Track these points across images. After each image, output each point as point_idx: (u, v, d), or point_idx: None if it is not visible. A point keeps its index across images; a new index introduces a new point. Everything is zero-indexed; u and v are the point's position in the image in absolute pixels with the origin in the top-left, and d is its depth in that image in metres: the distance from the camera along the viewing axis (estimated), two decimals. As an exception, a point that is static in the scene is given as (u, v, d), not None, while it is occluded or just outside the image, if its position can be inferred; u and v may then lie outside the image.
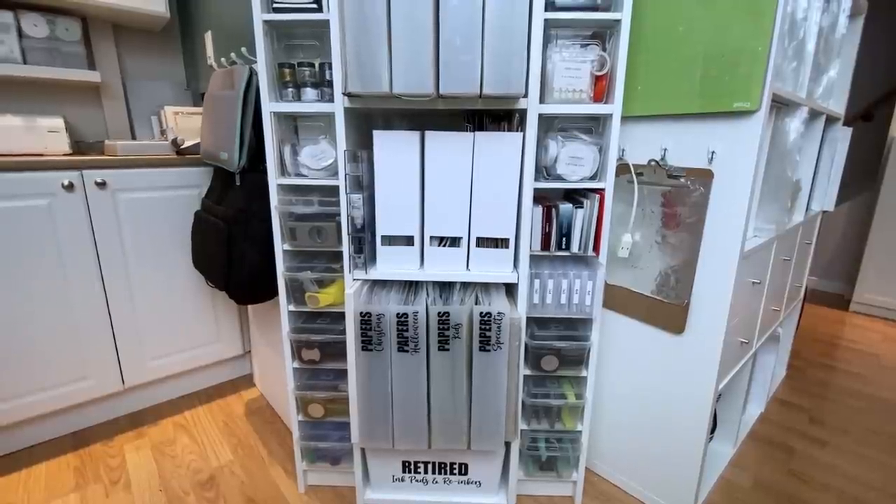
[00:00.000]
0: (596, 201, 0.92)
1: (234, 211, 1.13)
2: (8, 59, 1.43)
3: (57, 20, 1.49)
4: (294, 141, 1.00)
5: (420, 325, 0.84)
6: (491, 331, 0.84)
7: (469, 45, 0.72)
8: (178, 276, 1.44)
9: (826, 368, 1.84)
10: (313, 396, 1.04)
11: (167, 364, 1.47)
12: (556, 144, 0.93)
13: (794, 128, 1.03)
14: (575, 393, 1.03)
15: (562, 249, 0.96)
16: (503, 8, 0.72)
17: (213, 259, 1.22)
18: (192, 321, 1.50)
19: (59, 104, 1.60)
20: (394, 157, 0.85)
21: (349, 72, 0.75)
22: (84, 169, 1.23)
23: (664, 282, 0.99)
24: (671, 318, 0.99)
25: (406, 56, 0.73)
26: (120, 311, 1.35)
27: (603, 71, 0.89)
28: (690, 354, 0.98)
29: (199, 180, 1.42)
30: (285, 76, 0.92)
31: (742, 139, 0.85)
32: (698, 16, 0.86)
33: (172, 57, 1.84)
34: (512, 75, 0.75)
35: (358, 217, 0.87)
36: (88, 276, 1.28)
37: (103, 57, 1.65)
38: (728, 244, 0.89)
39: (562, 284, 0.96)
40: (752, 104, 0.82)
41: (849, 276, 2.72)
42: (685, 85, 0.89)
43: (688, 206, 0.93)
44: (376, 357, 0.87)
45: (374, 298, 0.89)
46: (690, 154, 0.92)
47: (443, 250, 0.91)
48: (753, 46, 0.80)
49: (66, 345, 1.27)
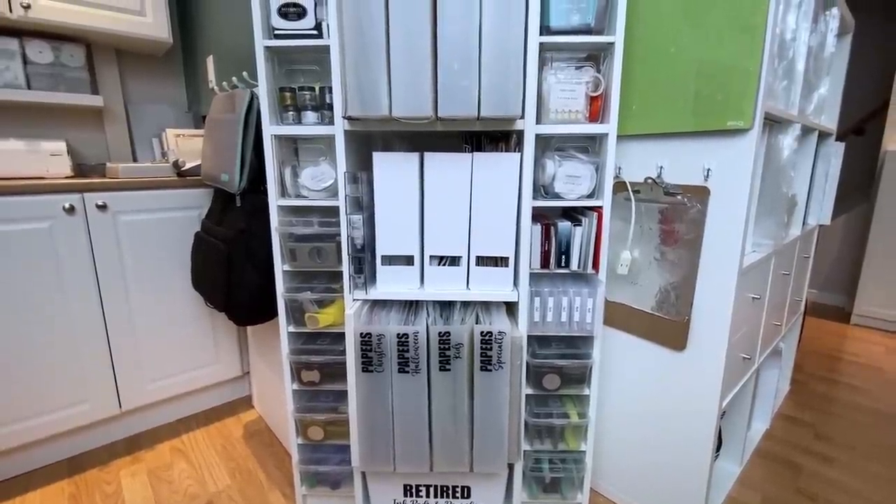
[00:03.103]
0: (594, 219, 0.93)
1: (235, 232, 1.14)
2: (12, 84, 1.45)
3: (62, 47, 1.51)
4: (294, 162, 1.01)
5: (421, 346, 0.84)
6: (492, 350, 0.84)
7: (467, 70, 0.74)
8: (178, 297, 1.44)
9: (829, 382, 1.82)
10: (313, 419, 1.03)
11: (165, 386, 1.45)
12: (553, 163, 0.94)
13: (788, 144, 1.04)
14: (578, 412, 1.02)
15: (561, 267, 0.97)
16: (499, 33, 0.74)
17: (212, 280, 1.22)
18: (191, 343, 1.49)
19: (62, 128, 1.62)
20: (393, 177, 0.86)
21: (349, 96, 0.77)
22: (85, 192, 1.24)
23: (664, 298, 1.00)
24: (672, 334, 0.99)
25: (405, 80, 0.74)
26: (118, 334, 1.34)
27: (598, 92, 0.90)
28: (693, 371, 0.97)
29: (200, 202, 1.43)
30: (286, 100, 0.93)
31: (737, 156, 0.86)
32: (689, 37, 0.88)
33: (174, 80, 1.87)
34: (509, 98, 0.76)
35: (358, 237, 0.88)
36: (87, 298, 1.27)
37: (106, 81, 1.68)
38: (726, 260, 0.90)
39: (562, 302, 0.96)
40: (745, 122, 0.83)
41: (848, 289, 2.72)
42: (679, 104, 0.91)
43: (685, 223, 0.94)
44: (377, 378, 0.86)
45: (375, 318, 0.88)
46: (686, 171, 0.93)
47: (443, 269, 0.91)
48: (744, 67, 0.82)
49: (64, 368, 1.26)
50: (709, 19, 0.85)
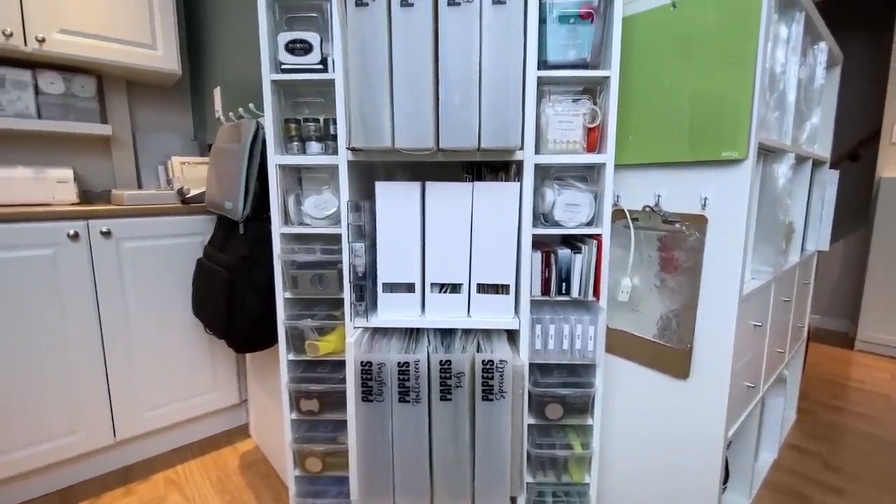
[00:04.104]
0: (594, 247, 0.93)
1: (237, 259, 1.14)
2: (23, 114, 1.49)
3: (74, 78, 1.56)
4: (298, 191, 1.03)
5: (421, 375, 0.83)
6: (493, 379, 0.83)
7: (467, 103, 0.76)
8: (178, 323, 1.43)
9: (836, 410, 1.79)
10: (311, 449, 1.01)
11: (162, 415, 1.43)
12: (552, 192, 0.96)
13: (783, 173, 1.06)
14: (581, 442, 1.00)
15: (562, 294, 0.97)
16: (498, 68, 0.77)
17: (213, 306, 1.22)
18: (190, 369, 1.47)
19: (70, 155, 1.66)
20: (395, 206, 0.88)
21: (353, 128, 0.79)
22: (90, 219, 1.26)
23: (666, 325, 0.99)
24: (675, 362, 0.98)
25: (407, 113, 0.76)
26: (117, 361, 1.33)
27: (594, 123, 0.93)
28: (697, 400, 0.96)
29: (203, 228, 1.44)
30: (291, 131, 0.95)
31: (733, 186, 0.87)
32: (682, 71, 0.91)
33: (181, 110, 1.91)
34: (508, 130, 0.78)
35: (360, 265, 0.88)
36: (87, 325, 1.27)
37: (115, 111, 1.72)
38: (726, 288, 0.90)
39: (563, 329, 0.96)
40: (739, 153, 0.85)
41: (851, 314, 2.70)
42: (674, 135, 0.93)
43: (684, 251, 0.95)
44: (377, 408, 0.85)
45: (375, 347, 0.88)
46: (684, 200, 0.95)
47: (444, 297, 0.91)
48: (736, 100, 0.84)
49: (60, 397, 1.25)
50: (701, 54, 0.88)
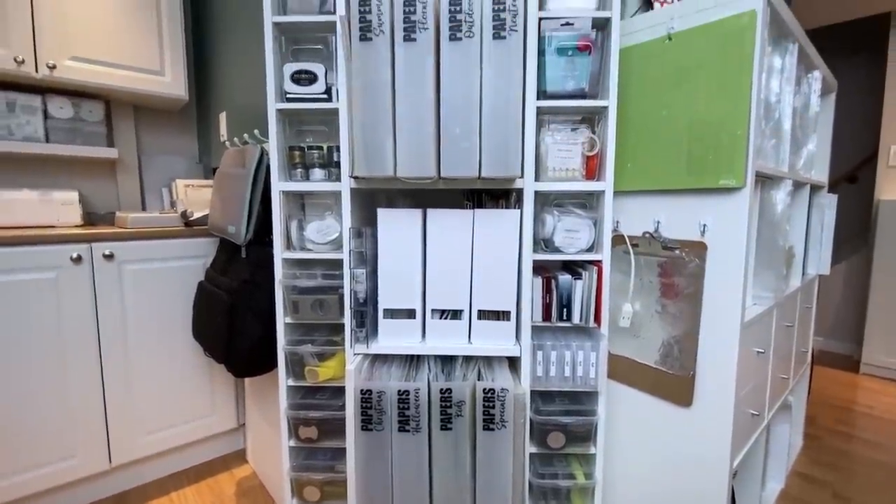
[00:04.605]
0: (594, 273, 0.94)
1: (239, 282, 1.15)
2: (31, 138, 1.51)
3: (82, 103, 1.59)
4: (301, 217, 1.04)
5: (422, 403, 0.82)
6: (495, 408, 0.82)
7: (468, 133, 0.78)
8: (177, 347, 1.43)
9: (844, 437, 1.76)
10: (310, 478, 0.99)
11: (159, 440, 1.41)
12: (552, 218, 0.96)
13: (781, 199, 1.07)
14: (584, 472, 0.98)
15: (563, 320, 0.97)
16: (499, 99, 0.78)
17: (214, 330, 1.21)
18: (188, 393, 1.46)
19: (76, 178, 1.68)
20: (396, 233, 0.88)
21: (356, 157, 0.80)
22: (93, 241, 1.26)
23: (668, 352, 0.99)
24: (678, 390, 0.97)
25: (410, 143, 0.78)
26: (115, 385, 1.32)
27: (593, 152, 0.94)
28: (701, 429, 0.94)
29: (205, 251, 1.45)
30: (295, 158, 0.97)
31: (731, 213, 0.88)
32: (679, 101, 0.92)
33: (187, 133, 1.95)
34: (508, 159, 0.79)
35: (361, 291, 0.89)
36: (86, 348, 1.27)
37: (122, 135, 1.75)
38: (728, 314, 0.90)
39: (565, 356, 0.95)
40: (737, 181, 0.86)
41: (855, 336, 2.68)
42: (672, 163, 0.94)
43: (684, 277, 0.95)
44: (376, 437, 0.84)
45: (376, 374, 0.87)
46: (683, 226, 0.95)
47: (444, 323, 0.91)
48: (733, 129, 0.85)
49: (57, 421, 1.23)
50: (697, 85, 0.90)
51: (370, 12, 0.74)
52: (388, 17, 0.74)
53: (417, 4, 0.73)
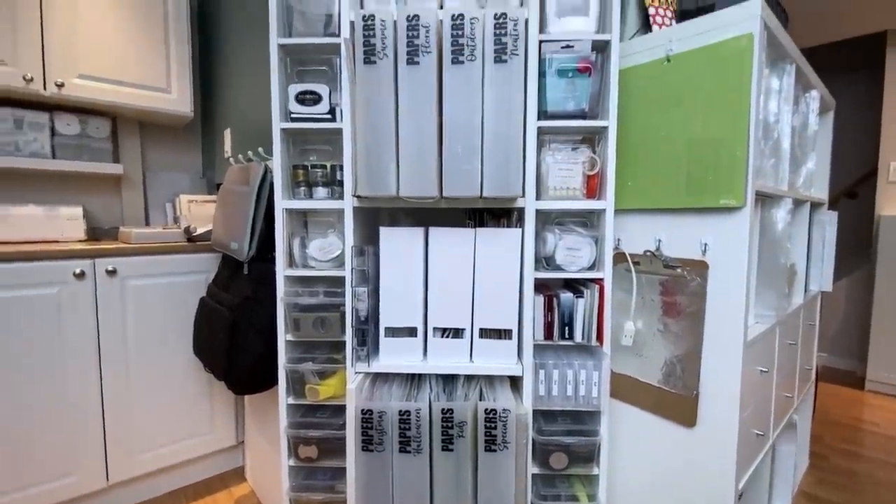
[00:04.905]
0: (596, 291, 0.94)
1: (240, 299, 1.15)
2: (38, 154, 1.53)
3: (89, 120, 1.62)
4: (303, 234, 1.04)
5: (423, 424, 0.82)
6: (497, 429, 0.82)
7: (470, 154, 0.79)
8: (177, 363, 1.42)
9: (850, 456, 1.73)
10: (309, 498, 0.98)
11: (157, 457, 1.40)
12: (553, 237, 0.97)
13: (781, 217, 1.08)
14: (587, 493, 0.97)
15: (565, 339, 0.96)
16: (500, 120, 0.79)
17: (215, 346, 1.21)
18: (187, 410, 1.45)
19: (81, 193, 1.69)
20: (399, 251, 0.89)
21: (359, 177, 0.81)
22: (97, 257, 1.27)
23: (670, 371, 0.98)
24: (681, 410, 0.96)
25: (412, 163, 0.78)
26: (114, 401, 1.31)
27: (593, 171, 0.95)
28: (705, 449, 0.93)
29: (208, 266, 1.45)
30: (299, 176, 0.98)
31: (732, 232, 0.88)
32: (678, 121, 0.93)
33: (192, 149, 1.97)
34: (510, 179, 0.80)
35: (362, 309, 0.89)
36: (86, 365, 1.26)
37: (128, 150, 1.77)
38: (730, 333, 0.89)
39: (567, 375, 0.94)
40: (737, 201, 0.86)
41: (859, 352, 2.66)
42: (672, 182, 0.95)
43: (686, 296, 0.95)
44: (377, 458, 0.83)
45: (377, 393, 0.87)
46: (684, 245, 0.95)
47: (446, 341, 0.91)
48: (732, 150, 0.86)
49: (55, 439, 1.23)
50: (695, 106, 0.91)
51: (374, 36, 0.75)
52: (391, 41, 0.76)
53: (420, 29, 0.75)
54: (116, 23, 1.53)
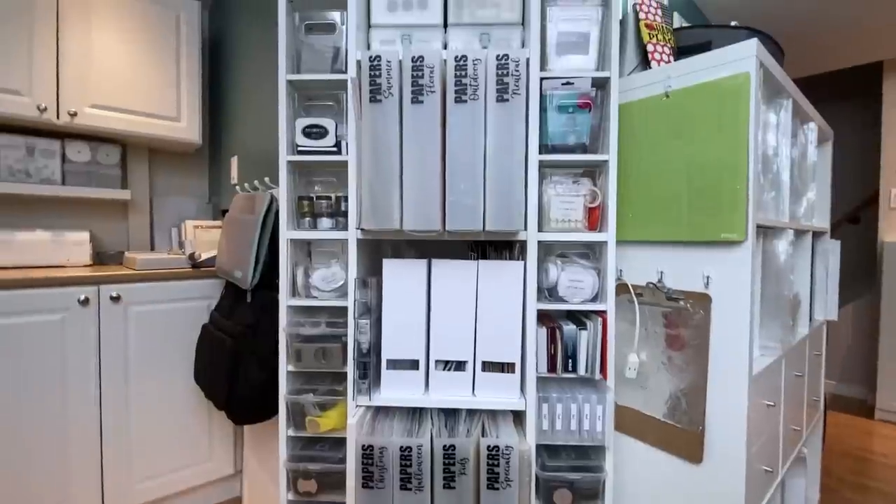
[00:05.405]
0: (599, 324, 0.93)
1: (243, 327, 1.15)
2: (49, 180, 1.56)
3: (100, 147, 1.65)
4: (307, 264, 1.05)
5: (424, 460, 0.80)
6: (499, 466, 0.80)
7: (473, 189, 0.80)
8: (177, 390, 1.41)
9: (862, 489, 1.69)
10: (307, 535, 0.96)
11: (154, 487, 1.38)
12: (556, 268, 0.97)
13: (783, 249, 1.08)
14: (592, 532, 0.94)
15: (568, 371, 0.95)
16: (502, 156, 0.81)
17: (215, 374, 1.20)
18: (186, 439, 1.43)
19: (88, 218, 1.71)
20: (401, 283, 0.89)
21: (363, 210, 0.82)
22: (102, 284, 1.28)
23: (675, 405, 0.97)
24: (687, 445, 0.95)
25: (416, 198, 0.80)
26: (113, 430, 1.30)
27: (595, 203, 0.96)
28: (712, 487, 0.91)
29: (211, 292, 1.46)
30: (304, 207, 0.99)
31: (734, 266, 0.88)
32: (678, 156, 0.95)
33: (199, 175, 2.00)
34: (512, 214, 0.81)
35: (364, 342, 0.88)
36: (87, 393, 1.26)
37: (136, 177, 1.80)
38: (735, 367, 0.88)
39: (571, 409, 0.93)
40: (738, 235, 0.87)
41: (868, 380, 2.62)
42: (673, 216, 0.95)
43: (690, 328, 0.94)
44: (378, 495, 0.82)
45: (378, 428, 0.86)
46: (687, 277, 0.95)
47: (448, 374, 0.90)
48: (732, 185, 0.87)
49: (52, 468, 1.21)
50: (694, 141, 0.92)
51: (380, 76, 0.78)
52: (397, 80, 0.78)
53: (425, 69, 0.77)
54: (130, 54, 1.58)
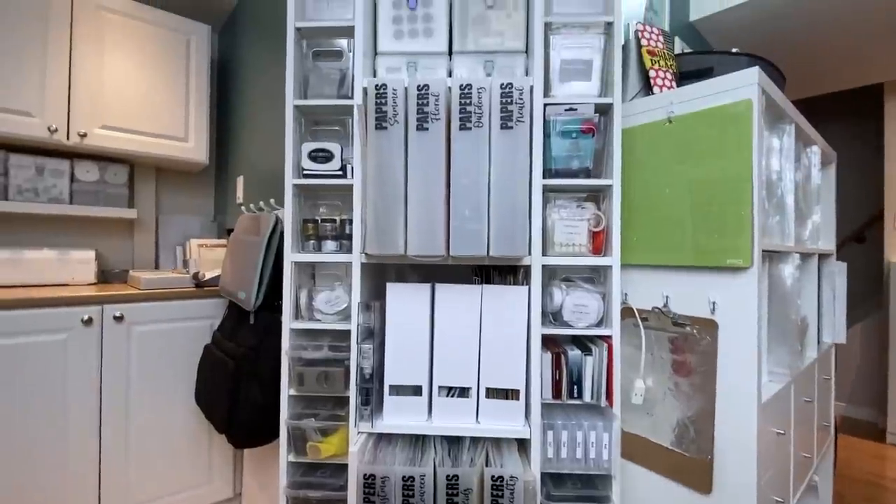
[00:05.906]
0: (604, 350, 0.92)
1: (245, 349, 1.14)
2: (57, 199, 1.58)
3: (108, 167, 1.67)
4: (311, 286, 1.05)
5: (427, 490, 0.79)
6: (503, 497, 0.79)
7: (477, 215, 0.80)
8: (177, 411, 1.40)
9: (877, 518, 1.64)
10: (307, 565, 0.94)
11: (150, 511, 1.35)
12: (560, 292, 0.97)
13: (790, 273, 1.07)
14: (599, 565, 0.92)
15: (574, 398, 0.94)
16: (506, 183, 0.81)
17: (216, 396, 1.19)
18: (185, 460, 1.41)
19: (94, 236, 1.73)
20: (405, 308, 0.89)
21: (368, 235, 0.82)
22: (105, 303, 1.28)
23: (683, 433, 0.95)
24: (695, 474, 0.92)
25: (420, 224, 0.80)
26: (111, 451, 1.29)
27: (599, 228, 0.96)
28: (723, 520, 0.89)
29: (214, 311, 1.46)
30: (308, 230, 1.00)
31: (740, 292, 0.87)
32: (681, 181, 0.95)
33: (204, 194, 2.02)
34: (515, 239, 0.81)
35: (367, 367, 0.88)
36: (87, 414, 1.25)
37: (142, 196, 1.82)
38: (743, 394, 0.87)
39: (576, 436, 0.92)
40: (744, 261, 0.86)
41: (878, 402, 2.57)
42: (678, 241, 0.95)
43: (697, 355, 0.93)
44: (379, 526, 0.80)
45: (380, 456, 0.85)
46: (692, 303, 0.94)
47: (451, 401, 0.89)
48: (737, 211, 0.87)
49: (49, 489, 1.19)
50: (698, 166, 0.92)
51: (386, 104, 0.79)
52: (402, 108, 0.79)
53: (430, 98, 0.78)
54: (140, 77, 1.61)
